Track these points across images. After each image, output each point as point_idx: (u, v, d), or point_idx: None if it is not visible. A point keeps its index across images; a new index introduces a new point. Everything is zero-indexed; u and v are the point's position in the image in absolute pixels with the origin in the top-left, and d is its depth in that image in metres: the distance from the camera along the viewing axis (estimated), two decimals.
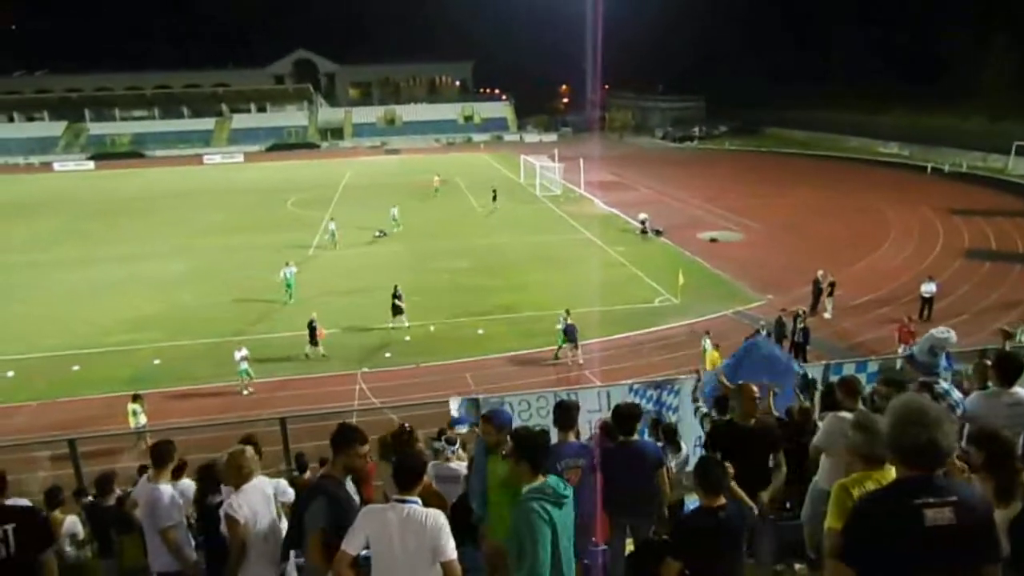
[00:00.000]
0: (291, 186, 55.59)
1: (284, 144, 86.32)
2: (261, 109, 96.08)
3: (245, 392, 18.85)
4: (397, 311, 22.91)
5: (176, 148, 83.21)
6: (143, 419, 15.76)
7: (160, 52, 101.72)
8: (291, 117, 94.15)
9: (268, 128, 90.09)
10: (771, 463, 5.54)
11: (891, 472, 3.51)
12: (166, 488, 5.23)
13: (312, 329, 20.91)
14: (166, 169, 70.38)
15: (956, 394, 4.96)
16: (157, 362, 21.01)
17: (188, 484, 6.39)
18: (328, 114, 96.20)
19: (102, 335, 23.35)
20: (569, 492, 4.25)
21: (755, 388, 5.37)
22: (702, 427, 7.58)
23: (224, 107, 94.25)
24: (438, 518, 3.89)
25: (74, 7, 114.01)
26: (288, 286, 26.51)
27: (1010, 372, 5.47)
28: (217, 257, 33.53)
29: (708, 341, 18.97)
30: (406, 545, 3.79)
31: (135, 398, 15.98)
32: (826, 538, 3.82)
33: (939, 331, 5.13)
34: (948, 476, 3.13)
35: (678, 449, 7.96)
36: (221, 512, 4.75)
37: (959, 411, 4.84)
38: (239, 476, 4.80)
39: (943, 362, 5.08)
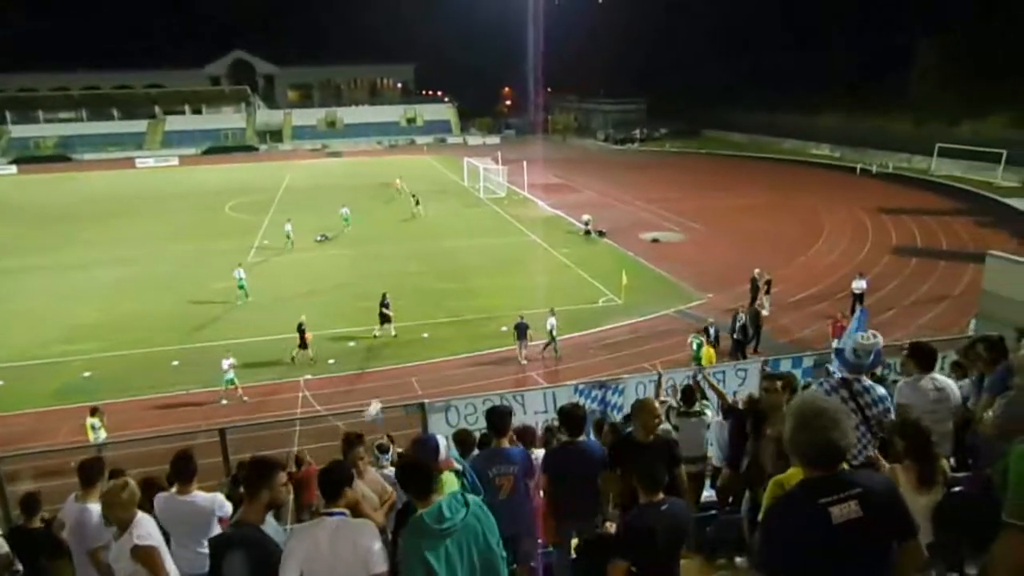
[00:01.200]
0: (229, 190, 54.18)
1: (221, 147, 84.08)
2: (196, 111, 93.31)
3: (224, 402, 18.18)
4: (385, 319, 22.27)
5: (106, 151, 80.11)
6: (103, 433, 15.06)
7: (88, 51, 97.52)
8: (228, 119, 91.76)
9: (204, 130, 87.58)
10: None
11: None
12: (95, 507, 5.00)
13: (301, 332, 20.47)
14: (96, 173, 67.68)
15: (879, 390, 5.13)
16: (87, 374, 20.17)
17: None
18: (267, 116, 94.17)
19: (32, 348, 22.29)
20: (457, 516, 3.76)
21: (657, 404, 5.25)
22: (667, 420, 7.70)
23: (157, 109, 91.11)
24: (367, 529, 3.78)
25: None
26: (241, 287, 26.23)
27: (926, 358, 5.77)
28: (155, 264, 32.42)
29: (700, 338, 19.08)
30: (337, 560, 3.67)
31: (93, 411, 15.35)
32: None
33: (863, 336, 5.31)
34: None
35: None
36: (130, 549, 4.32)
37: (882, 405, 5.01)
38: (123, 513, 4.38)
39: (868, 362, 5.25)
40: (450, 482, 4.50)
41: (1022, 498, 2.56)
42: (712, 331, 19.63)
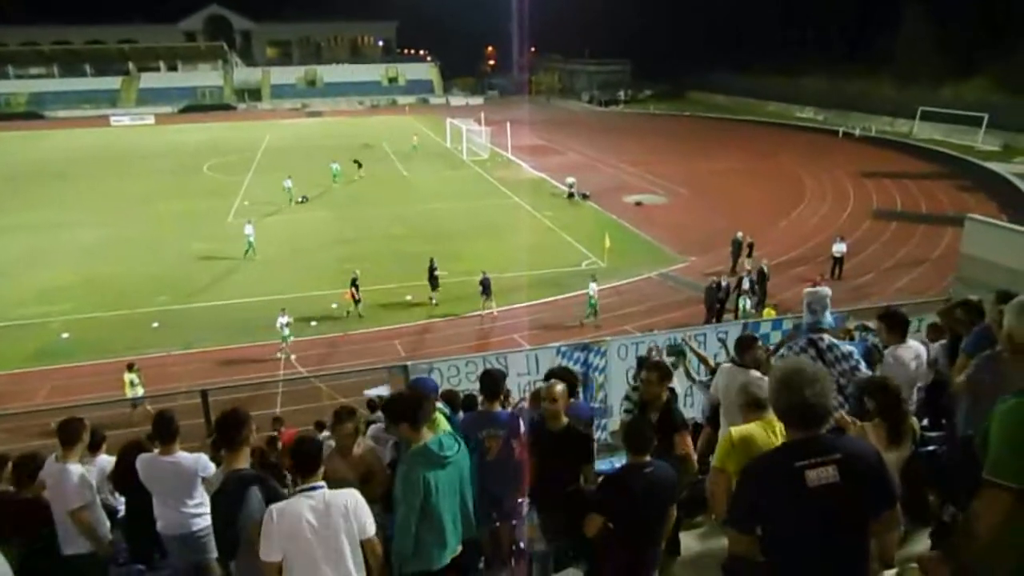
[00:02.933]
0: (207, 149, 53.20)
1: (198, 105, 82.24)
2: (172, 68, 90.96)
3: (280, 355, 18.41)
4: (435, 283, 21.99)
5: (79, 109, 78.09)
6: (140, 390, 15.38)
7: (57, 4, 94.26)
8: (205, 77, 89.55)
9: (180, 88, 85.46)
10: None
11: (775, 420, 3.68)
12: (75, 467, 4.97)
13: (355, 286, 20.77)
14: (70, 131, 65.99)
15: (845, 346, 5.23)
16: (65, 336, 19.95)
17: (107, 460, 6.13)
18: (245, 74, 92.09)
19: (7, 308, 21.96)
20: (452, 451, 4.26)
21: (557, 389, 4.97)
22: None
23: (131, 65, 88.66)
24: (354, 496, 3.80)
25: None
26: (249, 244, 26.39)
27: (901, 326, 5.86)
28: (132, 225, 31.90)
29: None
30: (328, 534, 3.64)
31: (130, 367, 15.66)
32: (709, 483, 4.04)
33: (810, 289, 5.39)
34: (837, 432, 3.23)
35: None
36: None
37: (848, 363, 5.10)
38: None
39: (827, 318, 5.33)
40: (442, 422, 4.77)
41: (1002, 457, 2.59)
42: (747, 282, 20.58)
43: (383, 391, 9.36)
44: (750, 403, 4.36)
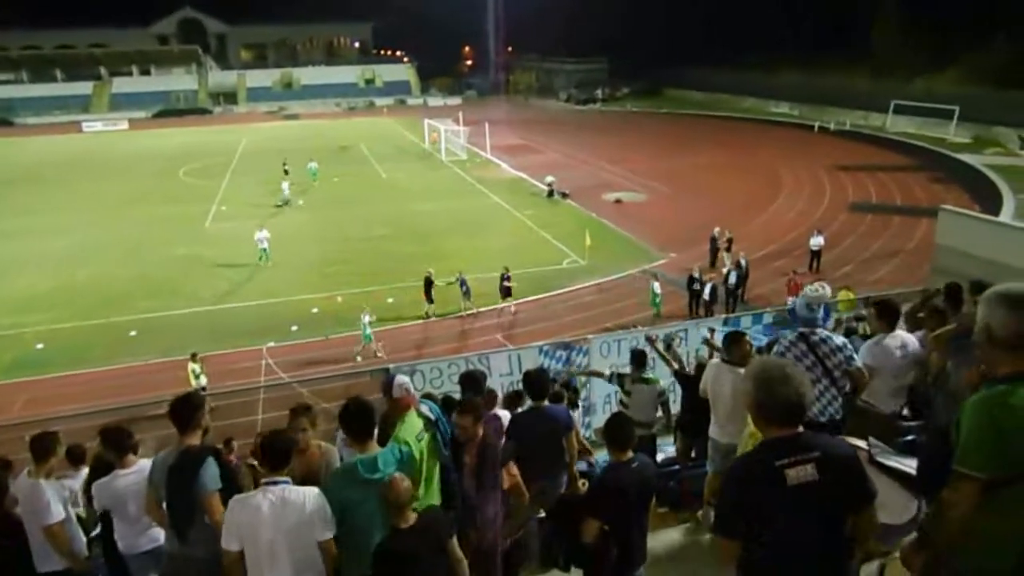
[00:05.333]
0: (183, 154, 52.55)
1: (173, 110, 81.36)
2: (145, 72, 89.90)
3: (359, 358, 18.21)
4: (507, 293, 21.28)
5: (50, 115, 76.97)
6: (204, 379, 15.81)
7: (25, 8, 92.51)
8: (179, 80, 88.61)
9: (154, 92, 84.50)
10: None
11: None
12: (47, 483, 4.87)
13: (429, 285, 20.62)
14: (42, 138, 64.92)
15: (837, 339, 5.26)
16: (40, 346, 19.60)
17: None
18: (220, 77, 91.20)
19: None
20: (387, 470, 3.97)
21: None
22: (620, 385, 7.76)
23: (103, 70, 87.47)
24: (313, 496, 3.80)
25: None
26: (263, 252, 25.93)
27: (892, 316, 5.90)
28: (107, 232, 31.44)
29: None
30: (280, 528, 3.68)
31: (194, 357, 15.90)
32: (710, 484, 4.02)
33: (812, 288, 5.43)
34: (817, 430, 3.25)
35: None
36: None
37: (842, 354, 5.13)
38: None
39: (821, 314, 5.37)
40: (412, 423, 4.58)
41: (971, 448, 2.63)
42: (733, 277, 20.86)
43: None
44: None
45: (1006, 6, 52.64)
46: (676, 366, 8.11)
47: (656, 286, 20.43)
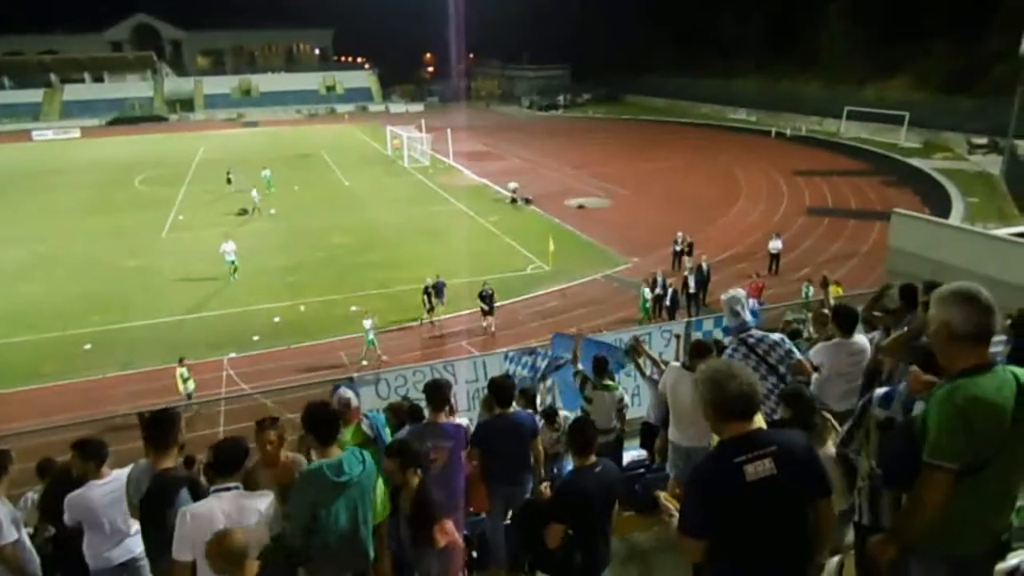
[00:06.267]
0: (138, 163, 51.38)
1: (127, 117, 79.28)
2: (98, 79, 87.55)
3: (364, 362, 18.03)
4: (489, 310, 20.54)
5: None
6: (192, 384, 16.06)
7: None
8: (133, 87, 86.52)
9: (107, 100, 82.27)
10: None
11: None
12: (1, 502, 4.72)
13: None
14: None
15: (773, 336, 5.42)
16: None
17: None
18: (176, 84, 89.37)
19: None
20: (352, 473, 3.99)
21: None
22: (581, 391, 7.78)
23: (53, 77, 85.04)
24: (266, 501, 3.85)
25: None
26: (232, 264, 25.03)
27: (848, 321, 6.03)
28: (60, 243, 30.55)
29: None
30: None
31: (180, 361, 16.01)
32: (673, 489, 4.05)
33: (725, 295, 5.61)
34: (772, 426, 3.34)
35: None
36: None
37: (781, 349, 5.28)
38: None
39: (748, 316, 5.53)
40: (346, 440, 4.71)
41: (940, 440, 2.73)
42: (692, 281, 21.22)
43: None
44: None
45: (946, 15, 54.37)
46: (658, 370, 8.05)
47: (646, 291, 20.61)
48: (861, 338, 6.11)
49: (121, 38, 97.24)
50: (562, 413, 7.62)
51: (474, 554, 5.42)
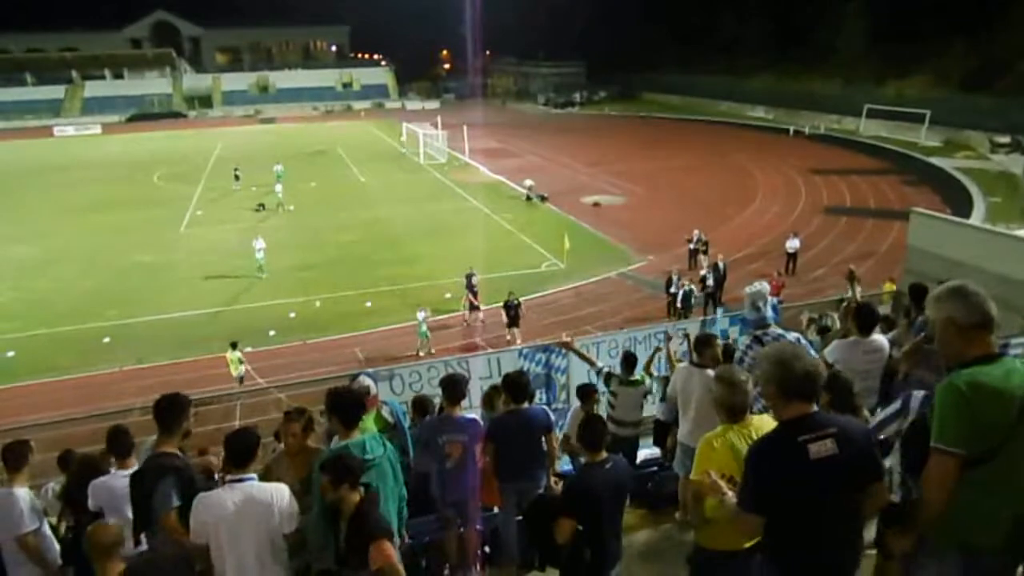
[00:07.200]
0: (157, 159, 51.94)
1: (147, 114, 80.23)
2: (118, 76, 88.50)
3: (422, 353, 18.15)
4: (473, 308, 20.97)
5: (21, 119, 75.51)
6: (243, 369, 16.58)
7: None
8: (153, 84, 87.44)
9: (127, 96, 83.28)
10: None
11: (751, 424, 3.73)
12: (21, 492, 4.81)
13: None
14: (12, 143, 63.75)
15: (790, 335, 5.39)
16: (11, 354, 19.25)
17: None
18: (194, 81, 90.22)
19: None
20: (375, 455, 4.18)
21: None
22: (607, 386, 7.77)
23: (75, 74, 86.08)
24: (281, 492, 3.88)
25: None
26: (260, 262, 25.04)
27: (868, 321, 5.97)
28: (79, 238, 30.97)
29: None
30: (244, 524, 3.75)
31: (233, 346, 16.41)
32: (683, 488, 4.05)
33: (750, 287, 5.54)
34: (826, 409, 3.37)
35: None
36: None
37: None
38: None
39: (769, 312, 5.48)
40: (368, 426, 4.73)
41: (946, 426, 2.81)
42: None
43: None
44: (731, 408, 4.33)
45: (967, 13, 53.61)
46: (598, 366, 8.04)
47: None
48: (880, 337, 6.04)
49: (141, 35, 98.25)
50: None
51: (487, 549, 5.44)
